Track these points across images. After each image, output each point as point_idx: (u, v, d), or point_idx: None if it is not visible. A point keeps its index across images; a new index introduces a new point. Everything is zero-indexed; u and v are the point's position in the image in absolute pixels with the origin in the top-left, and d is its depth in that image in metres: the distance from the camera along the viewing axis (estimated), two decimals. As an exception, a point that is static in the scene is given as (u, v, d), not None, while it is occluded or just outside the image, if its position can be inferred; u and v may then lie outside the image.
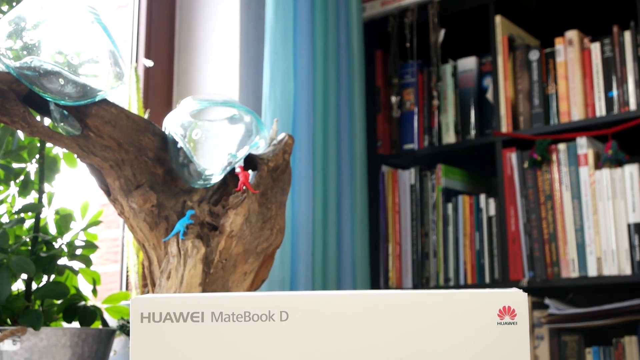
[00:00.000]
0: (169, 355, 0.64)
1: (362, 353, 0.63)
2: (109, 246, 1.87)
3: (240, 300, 0.65)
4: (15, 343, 1.14)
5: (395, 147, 2.17)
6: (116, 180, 1.07)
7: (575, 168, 1.87)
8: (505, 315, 0.65)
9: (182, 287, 1.04)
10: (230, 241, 1.07)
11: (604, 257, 1.79)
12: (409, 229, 2.09)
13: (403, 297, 0.65)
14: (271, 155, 1.15)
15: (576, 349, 1.81)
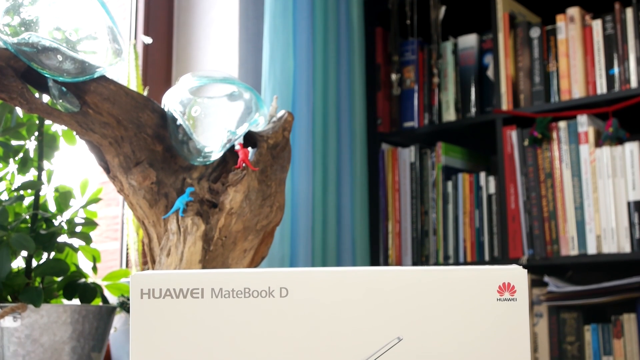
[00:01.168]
0: (169, 331, 0.64)
1: (361, 329, 0.64)
2: (109, 224, 1.88)
3: (240, 277, 0.65)
4: (15, 320, 1.14)
5: (395, 125, 2.16)
6: (115, 158, 1.06)
7: (575, 146, 1.86)
8: (504, 291, 0.65)
9: (182, 264, 1.04)
10: (229, 218, 1.07)
11: (604, 235, 1.79)
12: (408, 207, 2.09)
13: (403, 273, 0.65)
14: (271, 132, 1.15)
15: (575, 327, 1.82)
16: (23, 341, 1.15)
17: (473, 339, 0.64)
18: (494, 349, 0.64)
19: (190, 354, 0.63)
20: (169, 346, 0.64)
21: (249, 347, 0.63)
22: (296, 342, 0.63)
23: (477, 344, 0.64)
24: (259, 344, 0.63)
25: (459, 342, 0.63)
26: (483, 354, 0.63)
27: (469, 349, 0.63)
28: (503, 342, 0.64)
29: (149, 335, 0.64)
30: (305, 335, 0.63)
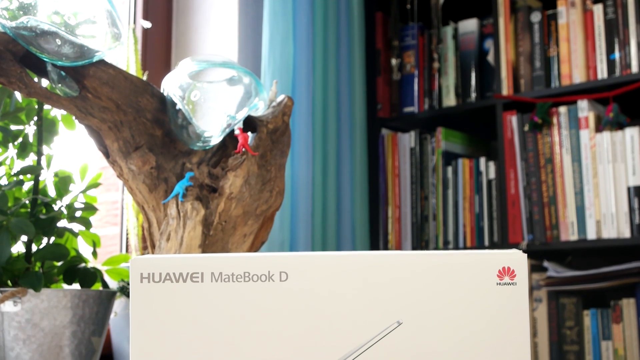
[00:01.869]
0: (169, 315, 0.64)
1: (361, 313, 0.64)
2: (109, 209, 1.87)
3: (240, 261, 0.65)
4: (16, 304, 1.14)
5: (395, 110, 2.16)
6: (115, 142, 1.06)
7: (575, 131, 1.86)
8: (504, 275, 0.65)
9: (181, 249, 1.04)
10: (229, 203, 1.07)
11: (604, 220, 1.80)
12: (408, 192, 2.09)
13: (403, 257, 0.65)
14: (270, 117, 1.15)
15: (574, 311, 1.82)
16: (23, 325, 1.15)
17: (473, 323, 0.64)
18: (494, 333, 0.64)
19: (190, 337, 0.63)
20: (168, 330, 0.64)
21: (249, 331, 0.63)
22: (296, 326, 0.63)
23: (476, 328, 0.64)
24: (258, 327, 0.63)
25: (458, 326, 0.64)
26: (483, 338, 0.63)
27: (468, 333, 0.63)
28: (503, 327, 0.64)
29: (149, 320, 0.64)
30: (305, 319, 0.64)
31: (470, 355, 0.63)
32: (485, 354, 0.63)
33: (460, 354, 0.63)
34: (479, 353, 0.63)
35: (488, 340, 0.64)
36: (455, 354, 0.63)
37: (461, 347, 0.63)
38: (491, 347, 0.63)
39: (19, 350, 1.15)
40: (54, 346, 1.17)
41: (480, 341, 0.63)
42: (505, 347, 0.64)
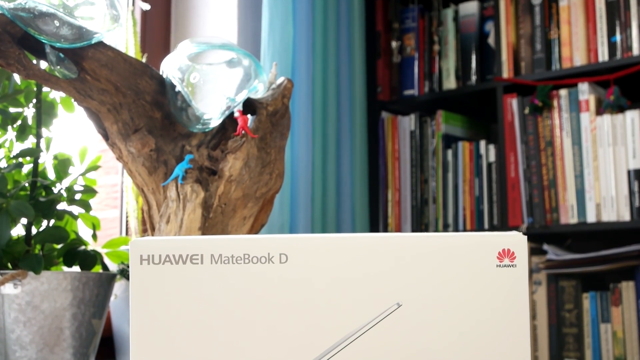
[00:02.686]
0: (169, 297, 0.64)
1: (360, 295, 0.64)
2: (108, 192, 1.87)
3: (240, 243, 0.65)
4: (16, 287, 1.14)
5: (395, 92, 2.15)
6: (114, 124, 1.06)
7: (576, 114, 1.86)
8: (504, 257, 0.64)
9: (181, 231, 1.04)
10: (229, 185, 1.06)
11: (603, 203, 1.80)
12: (408, 175, 2.09)
13: (403, 239, 0.65)
14: (270, 99, 1.14)
15: (573, 294, 1.83)
16: (24, 308, 1.15)
17: (472, 305, 0.64)
18: (494, 315, 0.64)
19: (190, 319, 0.64)
20: (168, 312, 0.64)
21: (248, 313, 0.63)
22: (295, 308, 0.63)
23: (476, 310, 0.64)
24: (258, 309, 0.63)
25: (458, 308, 0.64)
26: (482, 320, 0.64)
27: (468, 315, 0.63)
28: (502, 308, 0.64)
29: (149, 301, 0.64)
30: (305, 301, 0.64)
31: (470, 336, 0.63)
32: (485, 336, 0.63)
33: (459, 335, 0.63)
34: (479, 335, 0.63)
35: (487, 322, 0.64)
36: (455, 336, 0.63)
37: (461, 329, 0.63)
38: (491, 329, 0.64)
39: (19, 332, 1.15)
40: (55, 328, 1.17)
41: (479, 323, 0.63)
42: (505, 328, 0.64)
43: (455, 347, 0.63)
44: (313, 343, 0.63)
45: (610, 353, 1.76)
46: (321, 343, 0.63)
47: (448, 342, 0.63)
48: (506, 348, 0.63)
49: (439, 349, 0.63)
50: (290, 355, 0.63)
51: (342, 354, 0.63)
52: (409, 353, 0.63)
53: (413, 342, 0.63)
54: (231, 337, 0.63)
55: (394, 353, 0.63)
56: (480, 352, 0.63)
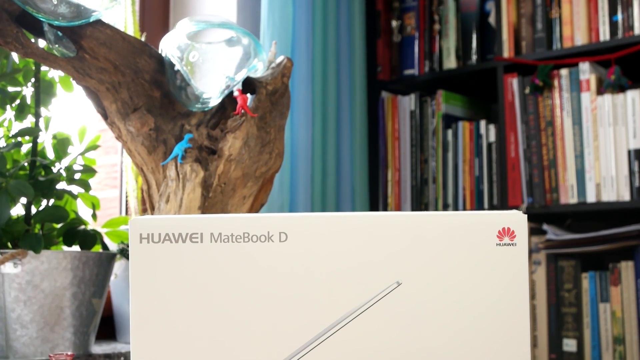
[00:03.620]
0: (168, 275, 0.64)
1: (360, 274, 0.64)
2: (108, 172, 1.87)
3: (240, 221, 0.64)
4: (16, 266, 1.14)
5: (395, 72, 2.14)
6: (113, 103, 1.05)
7: (577, 94, 1.85)
8: (504, 236, 0.64)
9: (181, 211, 1.04)
10: (228, 165, 1.06)
11: (603, 183, 1.79)
12: (408, 155, 2.08)
13: (402, 218, 0.65)
14: (270, 78, 1.14)
15: (573, 274, 1.83)
16: (24, 287, 1.15)
17: (472, 284, 0.64)
18: (493, 293, 0.64)
19: (190, 298, 0.64)
20: (168, 290, 0.64)
21: (248, 291, 0.63)
22: (295, 287, 0.63)
23: (476, 289, 0.64)
24: (258, 288, 0.63)
25: (458, 287, 0.64)
26: (482, 299, 0.64)
27: (468, 294, 0.64)
28: (502, 287, 0.64)
29: (149, 280, 0.64)
30: (304, 279, 0.64)
31: (469, 315, 0.63)
32: (484, 314, 0.64)
33: (459, 314, 0.63)
34: (478, 313, 0.63)
35: (487, 301, 0.64)
36: (454, 314, 0.63)
37: (460, 308, 0.63)
38: (490, 307, 0.64)
39: (19, 311, 1.15)
40: (55, 307, 1.17)
41: (479, 301, 0.64)
42: (505, 307, 0.64)
43: (454, 325, 0.63)
44: (313, 321, 0.63)
45: (609, 332, 1.77)
46: (321, 321, 0.63)
47: (447, 320, 0.63)
48: (505, 326, 0.64)
49: (438, 327, 0.63)
50: (290, 333, 0.63)
51: (342, 332, 0.63)
52: (408, 331, 0.63)
53: (413, 321, 0.63)
54: (231, 315, 0.63)
55: (394, 331, 0.63)
56: (479, 330, 0.63)
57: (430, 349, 0.63)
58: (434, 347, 0.63)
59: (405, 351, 0.63)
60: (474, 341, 0.63)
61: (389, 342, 0.63)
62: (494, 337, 0.63)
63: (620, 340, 1.75)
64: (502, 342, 0.63)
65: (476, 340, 0.63)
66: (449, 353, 0.63)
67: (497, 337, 0.63)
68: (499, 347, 0.63)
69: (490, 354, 0.63)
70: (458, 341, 0.63)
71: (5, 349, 1.16)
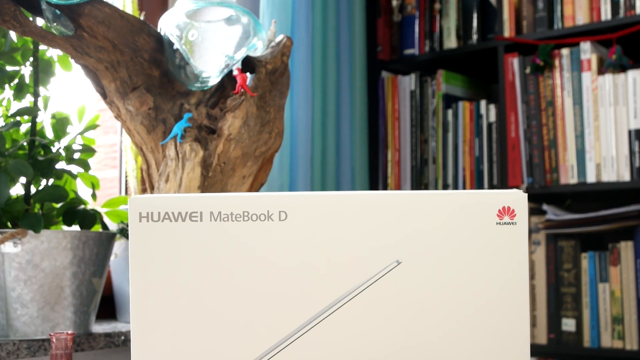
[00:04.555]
0: (168, 254, 0.64)
1: (360, 252, 0.64)
2: (107, 152, 1.87)
3: (239, 200, 0.64)
4: (16, 245, 1.14)
5: (395, 52, 2.13)
6: (112, 82, 1.05)
7: (577, 73, 1.84)
8: (504, 215, 0.64)
9: (180, 190, 1.04)
10: (228, 144, 1.06)
11: (604, 164, 1.79)
12: (408, 136, 2.08)
13: (403, 197, 0.65)
14: (269, 57, 1.13)
15: (572, 254, 1.83)
16: (24, 266, 1.15)
17: (472, 262, 0.64)
18: (493, 272, 0.64)
19: (189, 276, 0.64)
20: (167, 269, 0.64)
21: (248, 270, 0.63)
22: (295, 265, 0.63)
23: (476, 267, 0.64)
24: (257, 267, 0.63)
25: (458, 265, 0.64)
26: (482, 277, 0.64)
27: (467, 272, 0.64)
28: (502, 266, 0.64)
29: (148, 258, 0.64)
30: (304, 258, 0.64)
31: (469, 293, 0.63)
32: (484, 292, 0.64)
33: (458, 292, 0.63)
34: (478, 291, 0.63)
35: (487, 279, 0.64)
36: (454, 293, 0.63)
37: (460, 286, 0.63)
38: (490, 286, 0.64)
39: (20, 290, 1.16)
40: (55, 287, 1.17)
41: (479, 280, 0.64)
42: (504, 285, 0.64)
43: (454, 304, 0.63)
44: (313, 300, 0.63)
45: (608, 312, 1.78)
46: (321, 300, 0.63)
47: (447, 299, 0.63)
48: (505, 304, 0.64)
49: (438, 305, 0.63)
50: (289, 311, 0.63)
51: (342, 311, 0.63)
52: (408, 309, 0.63)
53: (412, 299, 0.63)
54: (230, 293, 0.63)
55: (394, 310, 0.63)
56: (479, 308, 0.63)
57: (429, 327, 0.63)
58: (433, 325, 0.63)
59: (405, 329, 0.63)
60: (474, 319, 0.63)
61: (388, 320, 0.63)
62: (493, 315, 0.63)
63: (619, 320, 1.76)
64: (502, 320, 0.63)
65: (475, 319, 0.63)
66: (448, 331, 0.63)
67: (497, 315, 0.63)
68: (498, 325, 0.63)
69: (490, 332, 0.63)
70: (457, 319, 0.63)
71: (5, 328, 1.17)
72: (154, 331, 0.64)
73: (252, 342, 0.63)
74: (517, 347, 0.63)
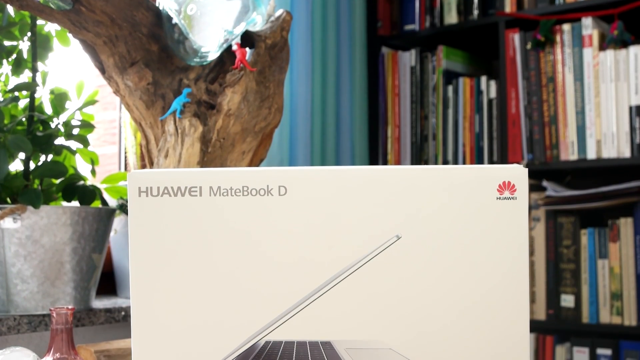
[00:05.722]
0: (167, 229, 0.64)
1: (360, 227, 0.63)
2: (107, 128, 1.86)
3: (239, 175, 0.64)
4: (15, 221, 1.14)
5: (395, 27, 2.12)
6: (110, 57, 1.04)
7: (579, 49, 1.83)
8: (505, 190, 0.64)
9: (180, 166, 1.03)
10: (227, 120, 1.05)
11: (604, 140, 1.79)
12: (408, 112, 2.07)
13: (402, 172, 0.64)
14: (269, 32, 1.12)
15: (572, 230, 1.84)
16: (24, 242, 1.15)
17: (472, 237, 0.64)
18: (493, 247, 0.64)
19: (188, 251, 0.64)
20: (167, 244, 0.64)
21: (247, 244, 0.63)
22: (294, 241, 0.63)
23: (476, 242, 0.64)
24: (257, 242, 0.63)
25: (458, 240, 0.63)
26: (482, 252, 0.64)
27: (467, 247, 0.63)
28: (502, 241, 0.64)
29: (147, 233, 0.64)
30: (304, 233, 0.63)
31: (468, 268, 0.63)
32: (484, 268, 0.64)
33: (458, 267, 0.63)
34: (478, 266, 0.63)
35: (487, 254, 0.64)
36: (454, 268, 0.63)
37: (459, 261, 0.63)
38: (490, 261, 0.64)
39: (20, 266, 1.16)
40: (55, 262, 1.18)
41: (478, 255, 0.63)
42: (504, 260, 0.64)
43: (453, 279, 0.63)
44: (312, 275, 0.63)
45: (607, 288, 1.78)
46: (320, 275, 0.63)
47: (447, 274, 0.63)
48: (505, 279, 0.64)
49: (437, 280, 0.63)
50: (288, 287, 0.63)
51: (341, 286, 0.63)
52: (408, 284, 0.63)
53: (412, 274, 0.63)
54: (229, 268, 0.63)
55: (393, 285, 0.63)
56: (478, 282, 0.63)
57: (429, 302, 0.63)
58: (432, 300, 0.63)
59: (404, 304, 0.63)
60: (473, 294, 0.63)
61: (388, 295, 0.63)
62: (493, 290, 0.63)
63: (618, 296, 1.77)
64: (501, 294, 0.63)
65: (475, 293, 0.63)
66: (447, 306, 0.63)
67: (496, 289, 0.63)
68: (497, 299, 0.63)
69: (489, 307, 0.63)
70: (457, 294, 0.63)
71: (6, 304, 1.17)
72: (154, 306, 0.64)
73: (251, 316, 0.63)
74: (517, 322, 0.63)
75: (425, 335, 0.63)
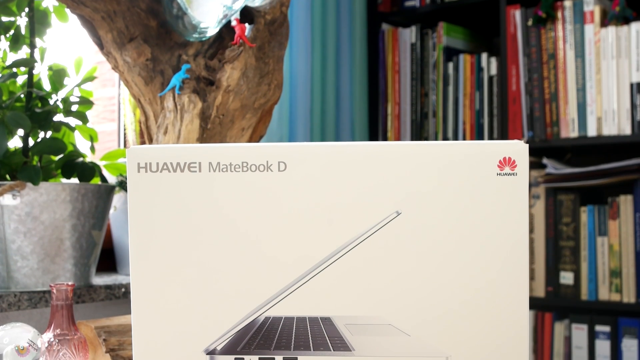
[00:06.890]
0: (166, 204, 0.64)
1: (360, 203, 0.63)
2: (106, 105, 1.85)
3: (238, 151, 0.64)
4: (15, 198, 1.14)
5: (396, 4, 2.11)
6: (108, 33, 1.03)
7: (580, 26, 1.82)
8: (505, 166, 0.64)
9: (179, 142, 1.03)
10: (227, 96, 1.05)
11: (605, 117, 1.78)
12: (408, 89, 2.06)
13: (403, 148, 0.64)
14: (268, 7, 1.12)
15: (571, 208, 1.84)
16: (23, 219, 1.15)
17: (472, 213, 0.63)
18: (493, 223, 0.64)
19: (188, 226, 0.63)
20: (166, 219, 0.63)
21: (246, 220, 0.63)
22: (294, 216, 0.63)
23: (476, 218, 0.63)
24: (256, 217, 0.63)
25: (458, 216, 0.63)
26: (482, 228, 0.63)
27: (468, 223, 0.63)
28: (502, 216, 0.64)
29: (147, 209, 0.64)
30: (303, 209, 0.63)
31: (468, 244, 0.63)
32: (484, 243, 0.63)
33: (459, 243, 0.63)
34: (478, 242, 0.63)
35: (487, 230, 0.63)
36: (454, 243, 0.63)
37: (460, 236, 0.63)
38: (490, 237, 0.63)
39: (20, 242, 1.16)
40: (55, 239, 1.18)
41: (479, 230, 0.63)
42: (504, 235, 0.64)
43: (454, 254, 0.63)
44: (312, 250, 0.63)
45: (606, 266, 1.78)
46: (321, 250, 0.63)
47: (447, 249, 0.63)
48: (504, 255, 0.64)
49: (437, 255, 0.63)
50: (289, 262, 0.63)
51: (341, 261, 0.63)
52: (408, 260, 0.63)
53: (412, 250, 0.63)
54: (229, 243, 0.63)
55: (394, 260, 0.63)
56: (479, 259, 0.63)
57: (428, 278, 0.63)
58: (432, 276, 0.63)
59: (404, 280, 0.63)
60: (473, 270, 0.63)
61: (387, 271, 0.63)
62: (492, 265, 0.63)
63: (617, 274, 1.77)
64: (501, 270, 0.63)
65: (474, 269, 0.63)
66: (447, 281, 0.63)
67: (496, 265, 0.63)
68: (497, 275, 0.63)
69: (489, 283, 0.63)
70: (457, 270, 0.63)
71: (6, 280, 1.17)
72: (153, 282, 0.64)
73: (251, 292, 0.63)
74: (516, 298, 0.64)
75: (424, 310, 0.63)
